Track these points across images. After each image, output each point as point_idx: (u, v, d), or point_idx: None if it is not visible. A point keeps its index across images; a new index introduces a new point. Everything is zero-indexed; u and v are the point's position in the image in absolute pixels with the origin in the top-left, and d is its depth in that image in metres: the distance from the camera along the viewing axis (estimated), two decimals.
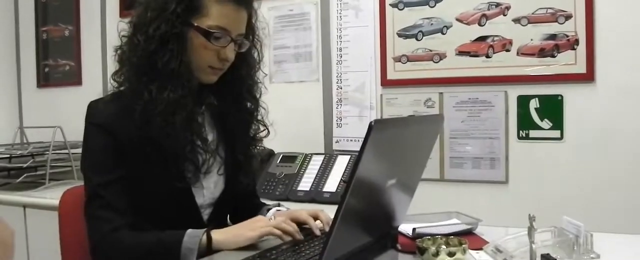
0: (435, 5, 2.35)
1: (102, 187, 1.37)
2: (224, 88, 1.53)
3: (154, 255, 1.33)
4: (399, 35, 2.42)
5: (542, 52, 2.17)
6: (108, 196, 1.37)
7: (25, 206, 2.54)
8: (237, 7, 1.43)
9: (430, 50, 2.36)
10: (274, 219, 1.40)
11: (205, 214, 1.53)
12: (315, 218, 1.49)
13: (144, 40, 1.38)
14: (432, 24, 2.35)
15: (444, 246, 1.21)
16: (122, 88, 1.45)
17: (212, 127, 1.56)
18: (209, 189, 1.52)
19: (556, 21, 2.14)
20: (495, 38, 2.24)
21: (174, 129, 1.37)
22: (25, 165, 2.68)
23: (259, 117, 1.61)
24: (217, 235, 1.34)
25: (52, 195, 2.41)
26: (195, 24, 1.39)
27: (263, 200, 1.75)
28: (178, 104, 1.38)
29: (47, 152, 2.69)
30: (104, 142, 1.39)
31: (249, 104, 1.58)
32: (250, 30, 1.53)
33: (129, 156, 1.40)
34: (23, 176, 2.69)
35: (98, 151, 1.41)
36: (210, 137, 1.53)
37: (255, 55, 1.58)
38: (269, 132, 1.64)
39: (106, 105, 1.43)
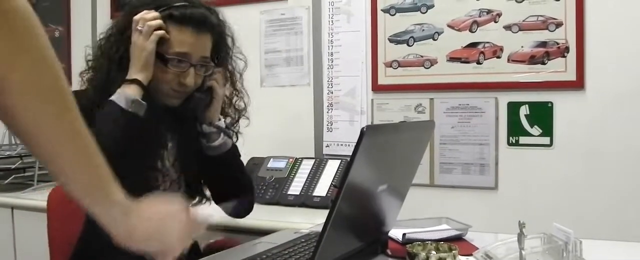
0: (426, 11, 2.35)
1: None
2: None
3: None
4: (390, 41, 2.43)
5: (532, 59, 2.18)
6: None
7: (13, 207, 2.52)
8: (198, 33, 1.45)
9: (422, 56, 2.37)
10: None
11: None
12: None
13: (107, 63, 1.45)
14: (423, 29, 2.36)
15: (434, 252, 1.22)
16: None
17: (171, 140, 1.56)
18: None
19: (547, 29, 2.15)
20: (486, 45, 2.25)
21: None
22: (13, 167, 2.66)
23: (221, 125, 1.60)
24: None
25: (40, 197, 2.39)
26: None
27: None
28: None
29: None
30: None
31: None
32: (218, 48, 1.55)
33: None
34: (11, 177, 2.67)
35: None
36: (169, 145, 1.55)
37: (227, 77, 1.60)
38: (231, 139, 1.63)
39: None
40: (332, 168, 2.37)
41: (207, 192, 1.66)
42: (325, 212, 1.01)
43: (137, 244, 0.93)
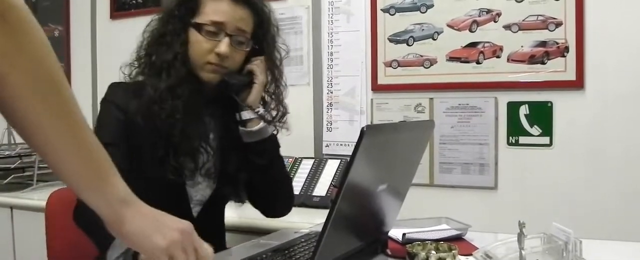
0: (426, 11, 2.35)
1: None
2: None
3: (100, 230, 1.28)
4: (390, 41, 2.42)
5: (532, 59, 2.18)
6: None
7: (12, 207, 2.52)
8: (234, 3, 1.47)
9: (421, 56, 2.36)
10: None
11: (195, 210, 1.53)
12: None
13: (149, 39, 1.49)
14: (423, 29, 2.36)
15: (433, 251, 1.22)
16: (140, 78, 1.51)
17: (213, 130, 1.56)
18: (201, 187, 1.53)
19: (546, 28, 2.15)
20: (486, 44, 2.25)
21: (172, 118, 1.40)
22: (12, 166, 2.66)
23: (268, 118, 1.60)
24: None
25: (39, 197, 2.39)
26: (192, 22, 1.46)
27: None
28: (170, 90, 1.42)
29: (35, 153, 2.67)
30: (115, 115, 1.44)
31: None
32: (261, 34, 1.54)
33: (134, 138, 1.42)
34: (10, 177, 2.67)
35: (107, 120, 1.45)
36: (211, 137, 1.54)
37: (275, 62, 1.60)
38: (278, 131, 1.65)
39: (126, 87, 1.49)
40: (331, 168, 2.37)
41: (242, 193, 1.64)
42: (325, 212, 1.01)
43: (125, 236, 0.92)
